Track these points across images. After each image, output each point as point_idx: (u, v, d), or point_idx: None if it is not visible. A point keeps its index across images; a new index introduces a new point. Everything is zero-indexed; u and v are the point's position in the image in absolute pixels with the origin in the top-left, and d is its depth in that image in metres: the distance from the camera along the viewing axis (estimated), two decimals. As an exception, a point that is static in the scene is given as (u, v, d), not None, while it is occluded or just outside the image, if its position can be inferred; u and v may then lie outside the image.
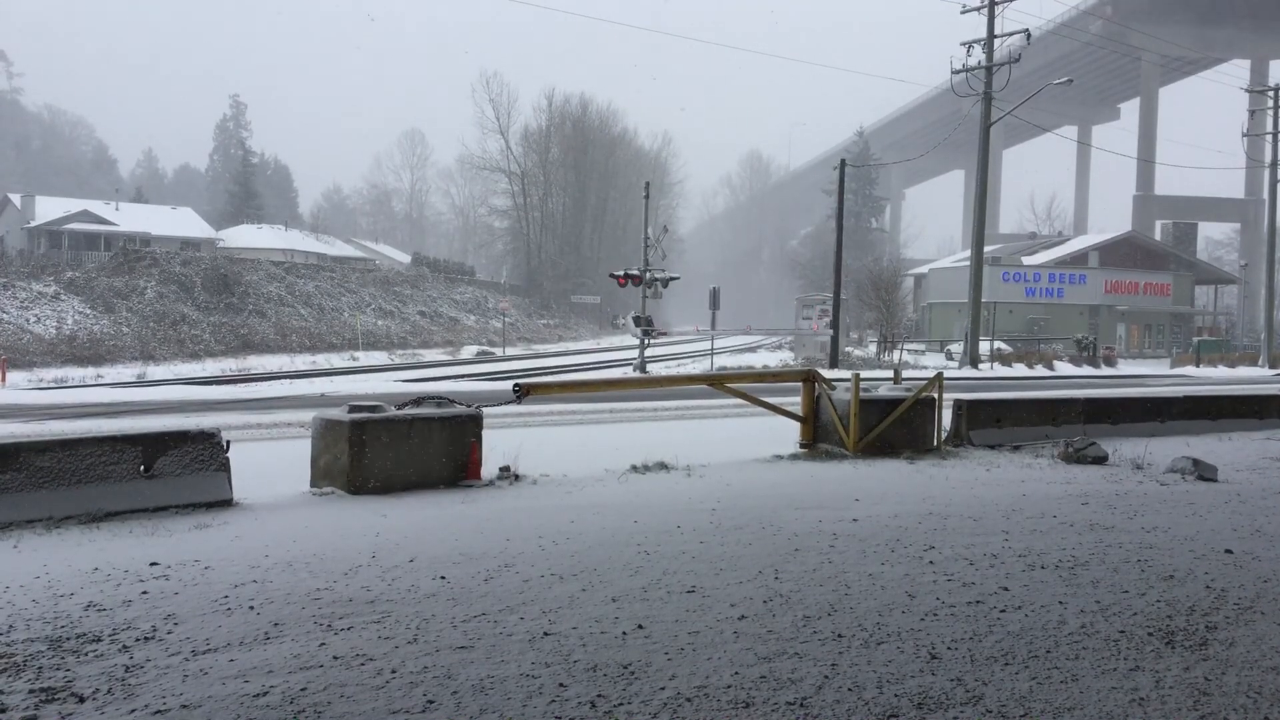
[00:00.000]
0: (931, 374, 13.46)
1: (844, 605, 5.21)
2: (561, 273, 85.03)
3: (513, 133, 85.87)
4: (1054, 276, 59.53)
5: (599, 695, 3.91)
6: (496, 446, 9.80)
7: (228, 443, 8.07)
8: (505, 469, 9.45)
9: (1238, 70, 76.07)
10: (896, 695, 3.96)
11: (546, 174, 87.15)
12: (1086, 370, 40.69)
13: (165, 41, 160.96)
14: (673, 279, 33.52)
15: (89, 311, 38.58)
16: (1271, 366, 46.10)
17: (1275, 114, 47.70)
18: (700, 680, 4.08)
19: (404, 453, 8.75)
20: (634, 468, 10.17)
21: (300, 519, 7.41)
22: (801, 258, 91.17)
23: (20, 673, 4.08)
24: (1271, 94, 48.41)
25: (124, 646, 4.42)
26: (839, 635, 4.70)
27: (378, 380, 26.47)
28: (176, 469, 7.67)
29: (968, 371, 35.81)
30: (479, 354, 46.25)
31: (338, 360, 39.62)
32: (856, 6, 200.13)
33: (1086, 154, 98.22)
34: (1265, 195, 54.77)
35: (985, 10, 36.28)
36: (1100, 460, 11.11)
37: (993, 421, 12.84)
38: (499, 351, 47.70)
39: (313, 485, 8.73)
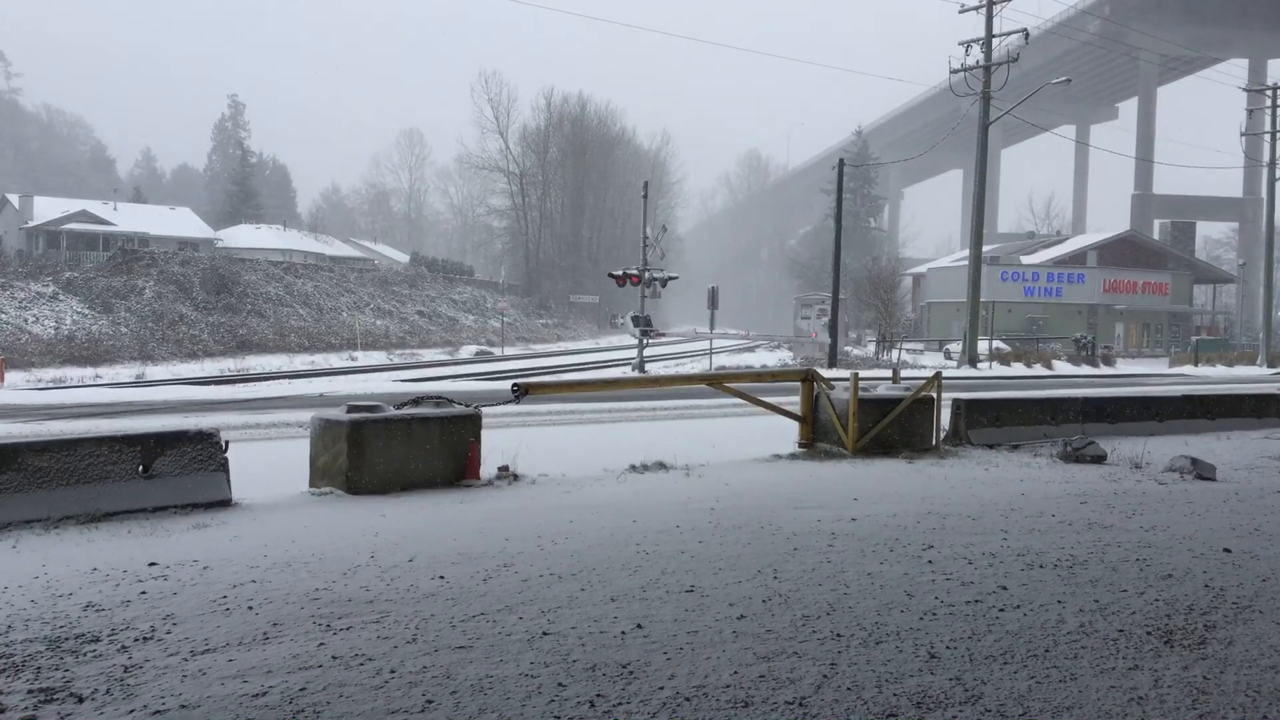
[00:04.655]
0: (930, 373, 13.47)
1: (843, 605, 5.21)
2: (560, 272, 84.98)
3: (511, 132, 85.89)
4: (1052, 276, 59.54)
5: (598, 695, 3.92)
6: (495, 446, 9.80)
7: (226, 443, 8.07)
8: (504, 469, 9.45)
9: (1236, 69, 76.06)
10: (895, 694, 3.96)
11: (545, 173, 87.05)
12: (1085, 369, 40.70)
13: (163, 41, 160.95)
14: (671, 279, 33.53)
15: (87, 312, 38.55)
16: (1270, 365, 46.10)
17: (1273, 113, 47.70)
18: (699, 680, 4.08)
19: (403, 453, 8.75)
20: (633, 467, 10.17)
21: (299, 519, 7.41)
22: (800, 257, 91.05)
23: (19, 673, 4.08)
24: (1269, 93, 48.41)
25: (123, 647, 4.42)
26: (838, 634, 4.71)
27: (376, 380, 26.47)
28: (175, 469, 7.67)
29: (966, 371, 35.82)
30: (477, 354, 46.23)
31: (336, 360, 39.59)
32: (855, 6, 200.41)
33: (1085, 153, 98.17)
34: (1263, 194, 54.76)
35: (984, 10, 36.28)
36: (1099, 459, 11.12)
37: (991, 421, 12.84)
38: (498, 351, 47.69)
39: (311, 485, 8.73)
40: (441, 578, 5.66)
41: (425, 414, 9.04)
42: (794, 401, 12.41)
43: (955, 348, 44.42)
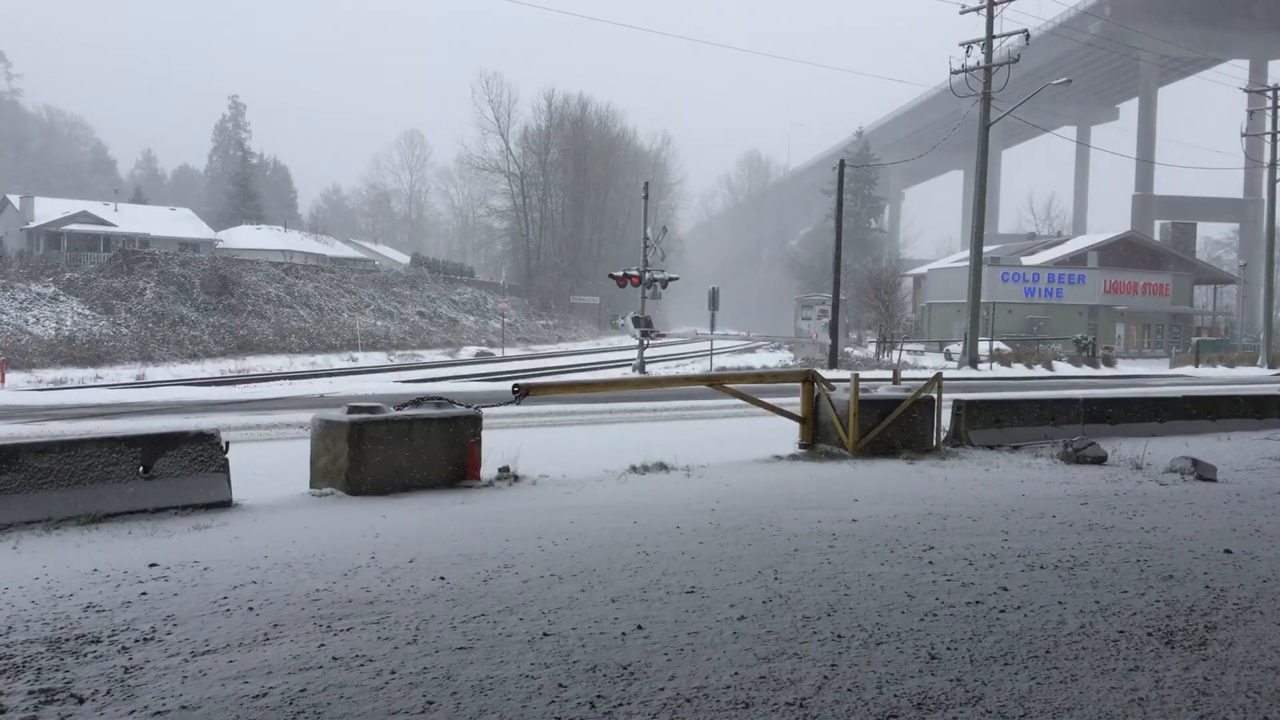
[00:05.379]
0: (930, 374, 13.46)
1: (843, 605, 5.21)
2: (561, 273, 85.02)
3: (512, 133, 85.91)
4: (1053, 276, 59.53)
5: (598, 696, 3.91)
6: (496, 447, 9.80)
7: (227, 444, 8.07)
8: (505, 469, 9.45)
9: (1236, 70, 76.03)
10: (896, 696, 3.96)
11: (546, 174, 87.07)
12: (1086, 370, 40.68)
13: (164, 42, 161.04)
14: (672, 279, 33.53)
15: (88, 312, 38.55)
16: (1271, 366, 46.07)
17: (1274, 114, 47.68)
18: (700, 681, 4.08)
19: (403, 453, 8.75)
20: (633, 468, 10.17)
21: (299, 520, 7.41)
22: (801, 258, 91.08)
23: (20, 674, 4.08)
24: (1270, 94, 48.40)
25: (123, 648, 4.42)
26: (838, 636, 4.71)
27: (377, 381, 26.46)
28: (176, 470, 7.67)
29: (967, 372, 35.80)
30: (478, 354, 46.24)
31: (337, 361, 39.61)
32: (856, 6, 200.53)
33: (1085, 154, 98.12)
34: (1264, 195, 54.76)
35: (984, 11, 36.29)
36: (1099, 460, 11.12)
37: (992, 421, 12.84)
38: (498, 352, 47.68)
39: (312, 486, 8.73)
40: (442, 579, 5.66)
41: (426, 415, 9.04)
42: (794, 402, 12.40)
43: (956, 349, 44.40)
